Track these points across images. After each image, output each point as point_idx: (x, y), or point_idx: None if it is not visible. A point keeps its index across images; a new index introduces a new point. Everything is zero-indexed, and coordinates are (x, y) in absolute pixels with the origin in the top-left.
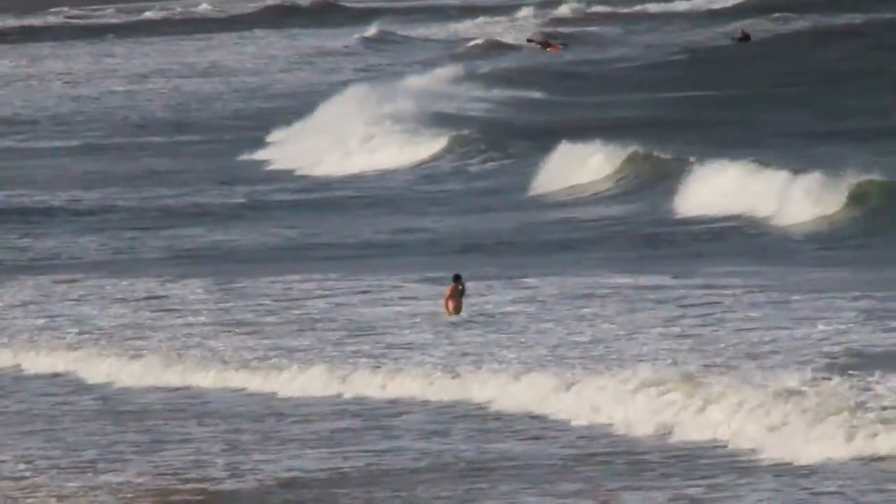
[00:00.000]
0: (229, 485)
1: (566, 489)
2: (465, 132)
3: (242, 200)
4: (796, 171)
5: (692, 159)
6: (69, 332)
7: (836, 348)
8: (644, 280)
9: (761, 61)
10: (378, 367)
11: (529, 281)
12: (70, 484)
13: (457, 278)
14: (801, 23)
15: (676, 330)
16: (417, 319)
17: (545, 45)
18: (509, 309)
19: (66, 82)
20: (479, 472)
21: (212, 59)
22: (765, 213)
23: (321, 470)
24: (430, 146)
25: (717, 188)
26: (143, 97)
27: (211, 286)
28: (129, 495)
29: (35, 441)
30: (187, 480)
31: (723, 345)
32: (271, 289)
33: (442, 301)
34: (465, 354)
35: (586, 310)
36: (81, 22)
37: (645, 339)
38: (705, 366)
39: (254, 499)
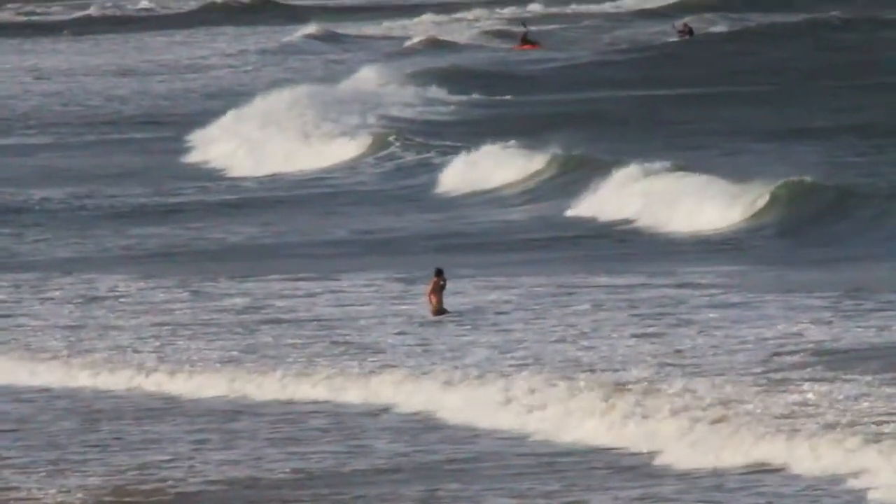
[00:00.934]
0: (193, 486)
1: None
2: (388, 132)
3: (158, 199)
4: (708, 174)
5: (609, 161)
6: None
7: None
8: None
9: (705, 58)
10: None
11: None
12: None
13: (439, 273)
14: (743, 22)
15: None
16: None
17: (524, 40)
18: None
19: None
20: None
21: (149, 57)
22: (660, 217)
23: (284, 471)
24: (354, 146)
25: (625, 191)
26: (82, 94)
27: (166, 286)
28: (85, 497)
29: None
30: (149, 481)
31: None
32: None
33: (425, 297)
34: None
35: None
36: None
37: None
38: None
39: (217, 500)
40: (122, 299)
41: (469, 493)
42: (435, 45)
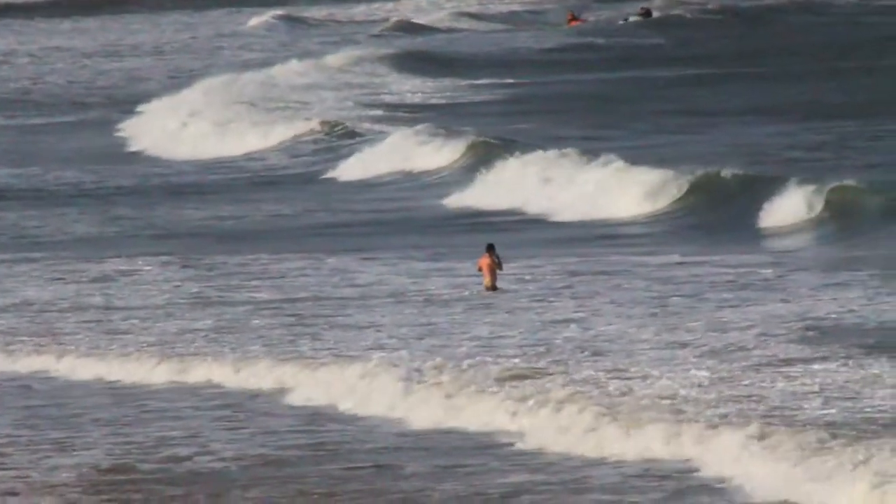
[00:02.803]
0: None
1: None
2: (311, 119)
3: (87, 182)
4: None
5: (519, 148)
6: None
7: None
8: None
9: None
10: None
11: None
12: None
13: (490, 248)
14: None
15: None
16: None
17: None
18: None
19: None
20: None
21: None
22: (548, 207)
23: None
24: (278, 133)
25: (523, 179)
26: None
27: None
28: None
29: None
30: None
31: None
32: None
33: (484, 272)
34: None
35: None
36: None
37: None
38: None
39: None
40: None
41: None
42: (406, 28)
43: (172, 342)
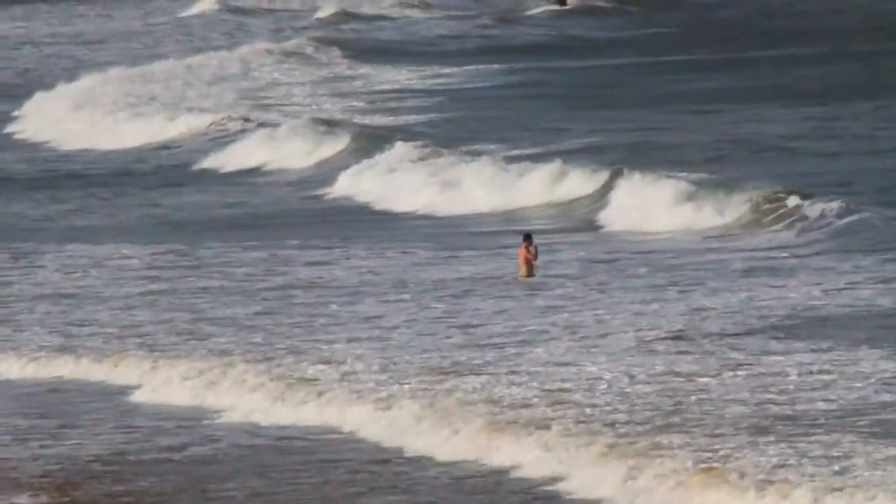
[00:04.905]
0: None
1: None
2: (202, 112)
3: None
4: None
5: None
6: None
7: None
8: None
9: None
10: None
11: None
12: None
13: (528, 237)
14: None
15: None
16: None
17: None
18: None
19: None
20: None
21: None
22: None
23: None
24: (189, 122)
25: (385, 172)
26: None
27: None
28: None
29: None
30: None
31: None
32: None
33: (520, 261)
34: None
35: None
36: None
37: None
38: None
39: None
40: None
41: None
42: (345, 17)
43: None
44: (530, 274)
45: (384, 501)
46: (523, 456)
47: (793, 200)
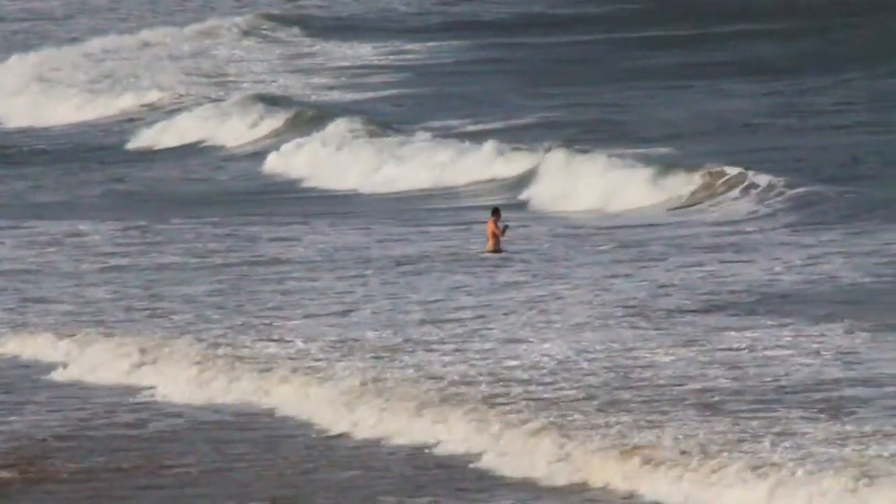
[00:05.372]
0: None
1: None
2: (150, 89)
3: None
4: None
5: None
6: None
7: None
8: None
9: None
10: None
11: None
12: None
13: (496, 212)
14: None
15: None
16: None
17: None
18: None
19: None
20: None
21: None
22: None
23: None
24: (118, 103)
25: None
26: None
27: None
28: None
29: None
30: None
31: None
32: None
33: (488, 235)
34: None
35: None
36: None
37: None
38: None
39: None
40: None
41: None
42: None
43: None
44: (497, 249)
45: (339, 477)
46: (456, 433)
47: (745, 176)
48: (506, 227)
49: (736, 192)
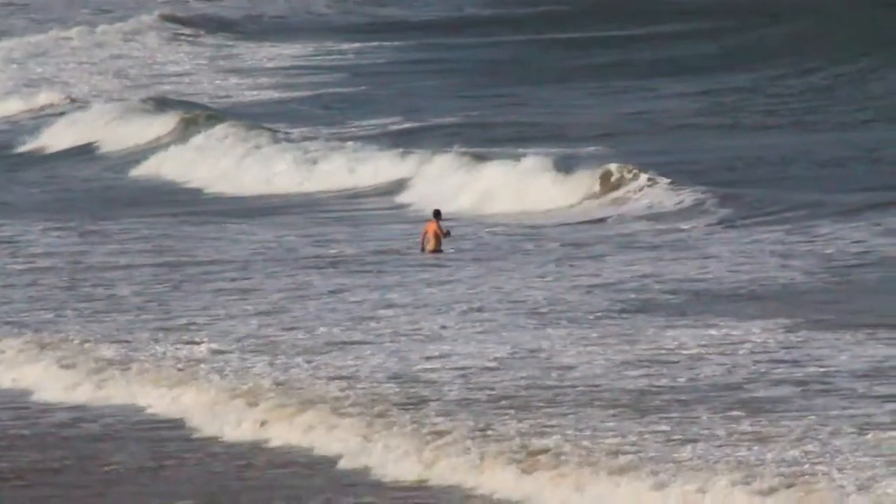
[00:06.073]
0: None
1: None
2: (38, 92)
3: None
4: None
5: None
6: None
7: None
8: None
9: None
10: None
11: None
12: None
13: (437, 215)
14: None
15: None
16: None
17: None
18: None
19: None
20: None
21: None
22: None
23: None
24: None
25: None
26: None
27: None
28: None
29: None
30: None
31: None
32: None
33: (428, 236)
34: None
35: None
36: None
37: None
38: None
39: None
40: None
41: None
42: None
43: None
44: (437, 249)
45: (266, 475)
46: (346, 441)
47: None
48: (447, 231)
49: (658, 191)
